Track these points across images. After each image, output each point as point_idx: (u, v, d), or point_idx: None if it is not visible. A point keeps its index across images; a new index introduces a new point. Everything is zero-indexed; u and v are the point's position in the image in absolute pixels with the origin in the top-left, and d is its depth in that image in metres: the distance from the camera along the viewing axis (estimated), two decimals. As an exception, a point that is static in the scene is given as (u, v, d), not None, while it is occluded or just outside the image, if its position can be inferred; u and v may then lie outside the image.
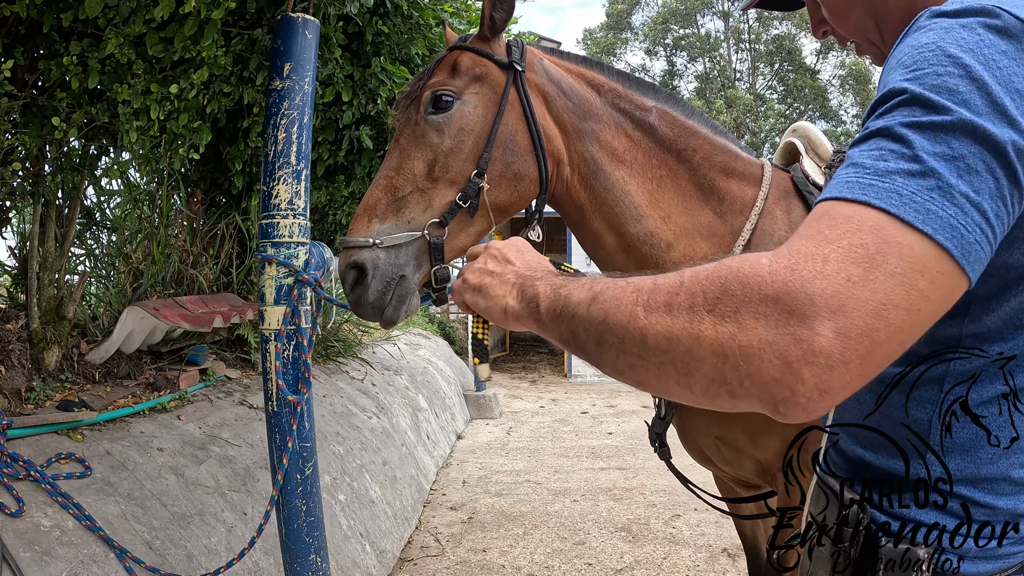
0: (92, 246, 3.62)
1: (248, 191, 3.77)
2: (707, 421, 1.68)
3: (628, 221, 1.56)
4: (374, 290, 1.38)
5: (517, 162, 1.48)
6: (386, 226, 1.40)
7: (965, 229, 0.63)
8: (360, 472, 3.68)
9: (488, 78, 1.49)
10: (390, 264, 1.38)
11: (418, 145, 1.45)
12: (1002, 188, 0.64)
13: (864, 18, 0.98)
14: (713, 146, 1.65)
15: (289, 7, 1.99)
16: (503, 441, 6.61)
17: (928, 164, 0.64)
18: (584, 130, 1.55)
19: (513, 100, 1.48)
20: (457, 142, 1.44)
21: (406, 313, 1.42)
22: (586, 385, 10.63)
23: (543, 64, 1.58)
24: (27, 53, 2.35)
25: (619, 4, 25.88)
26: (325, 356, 4.88)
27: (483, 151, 1.44)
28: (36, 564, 1.75)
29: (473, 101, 1.47)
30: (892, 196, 0.63)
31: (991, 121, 0.64)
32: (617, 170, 1.56)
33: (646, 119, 1.60)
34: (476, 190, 1.42)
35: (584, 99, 1.57)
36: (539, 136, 1.49)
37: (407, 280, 1.40)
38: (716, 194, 1.62)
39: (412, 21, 3.19)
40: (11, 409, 2.30)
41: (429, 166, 1.43)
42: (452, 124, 1.45)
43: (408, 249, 1.40)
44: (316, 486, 2.01)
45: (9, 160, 2.43)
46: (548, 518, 4.33)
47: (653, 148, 1.60)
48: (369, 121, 3.37)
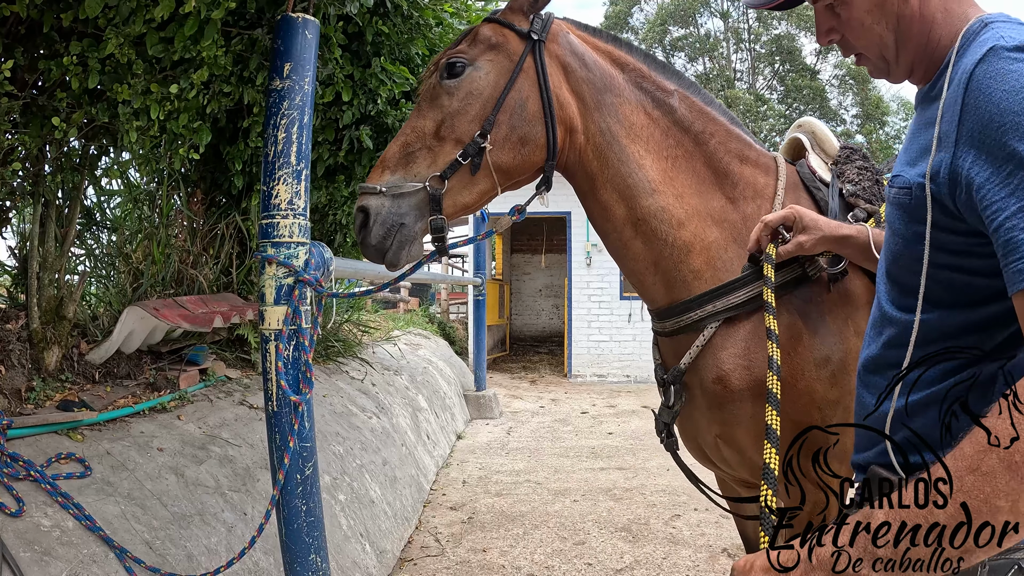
0: (92, 246, 3.61)
1: (248, 191, 3.77)
2: (708, 420, 1.68)
3: (640, 194, 1.60)
4: (376, 234, 1.50)
5: (524, 127, 1.55)
6: (395, 177, 1.52)
7: None
8: (360, 472, 3.69)
9: (504, 47, 1.58)
10: (392, 211, 1.50)
11: (432, 107, 1.56)
12: None
13: (886, 35, 1.00)
14: (729, 133, 1.69)
15: (289, 7, 1.99)
16: (503, 441, 6.61)
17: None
18: (603, 103, 1.61)
19: (528, 68, 1.56)
20: (464, 104, 1.54)
21: (407, 258, 1.54)
22: (586, 385, 10.63)
23: (568, 37, 1.64)
24: (27, 53, 2.35)
25: (618, 5, 25.88)
26: (325, 356, 4.88)
27: (489, 114, 1.53)
28: (36, 564, 1.75)
29: (486, 67, 1.57)
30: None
31: None
32: (633, 144, 1.61)
33: (667, 100, 1.66)
34: (477, 149, 1.51)
35: (607, 74, 1.64)
36: (550, 103, 1.56)
37: (407, 227, 1.51)
38: (730, 179, 1.65)
39: (412, 21, 3.19)
40: (11, 409, 2.30)
41: (438, 125, 1.54)
42: (462, 88, 1.55)
43: (411, 199, 1.51)
44: (316, 486, 2.01)
45: (9, 160, 2.43)
46: (548, 518, 4.34)
47: (671, 128, 1.65)
48: (369, 121, 3.37)
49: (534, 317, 16.43)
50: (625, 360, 10.85)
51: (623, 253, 1.68)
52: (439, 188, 1.51)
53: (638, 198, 1.60)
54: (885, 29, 1.00)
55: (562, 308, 14.54)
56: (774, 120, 22.62)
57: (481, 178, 1.54)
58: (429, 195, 1.50)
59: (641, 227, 1.61)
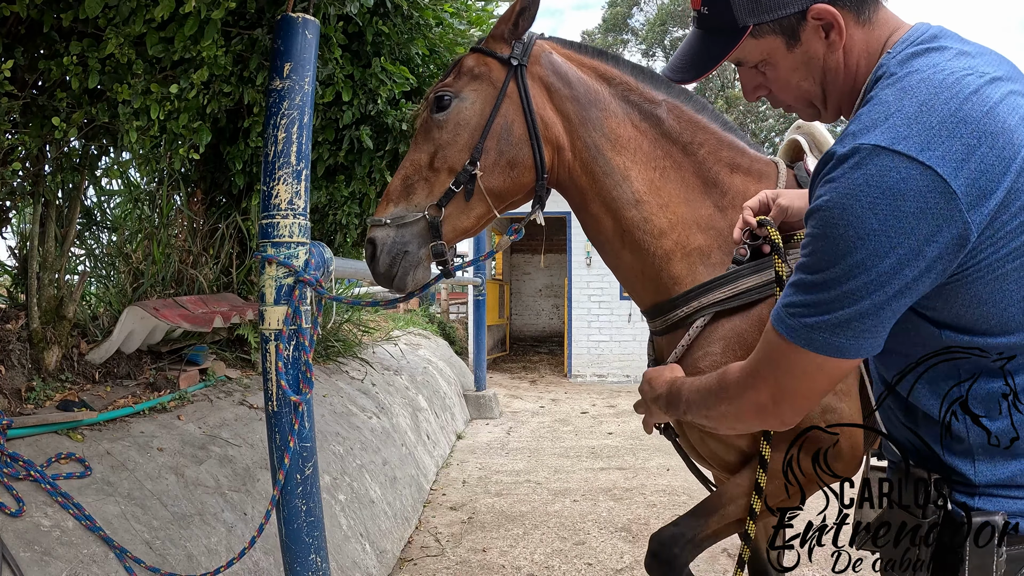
0: (92, 246, 3.61)
1: (248, 191, 3.77)
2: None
3: (625, 206, 1.63)
4: (383, 262, 1.61)
5: (511, 150, 1.60)
6: (398, 209, 1.61)
7: None
8: (360, 472, 3.69)
9: (487, 75, 1.63)
10: (396, 240, 1.60)
11: (426, 140, 1.64)
12: None
13: (814, 89, 1.05)
14: (720, 141, 1.69)
15: (289, 7, 1.99)
16: (503, 441, 6.61)
17: None
18: (588, 118, 1.64)
19: (512, 93, 1.61)
20: (454, 135, 1.61)
21: (413, 282, 1.63)
22: (586, 385, 10.63)
23: (551, 57, 1.67)
24: (27, 53, 2.35)
25: (617, 6, 25.88)
26: (325, 356, 4.88)
27: (477, 142, 1.59)
28: (36, 564, 1.75)
29: (471, 97, 1.63)
30: None
31: None
32: (618, 156, 1.63)
33: (654, 111, 1.67)
34: (469, 176, 1.58)
35: (591, 89, 1.66)
36: (534, 125, 1.60)
37: (410, 254, 1.61)
38: (719, 187, 1.66)
39: (412, 21, 3.18)
40: (11, 409, 2.30)
41: (431, 157, 1.62)
42: (450, 120, 1.62)
43: (412, 228, 1.60)
44: (316, 486, 2.01)
45: (9, 160, 2.43)
46: (548, 518, 4.33)
47: (659, 139, 1.66)
48: (369, 121, 3.37)
49: (534, 317, 16.43)
50: (625, 360, 10.85)
51: (616, 263, 1.73)
52: (437, 216, 1.59)
53: (622, 210, 1.63)
54: (812, 84, 1.04)
55: (562, 308, 14.54)
56: (774, 120, 22.61)
57: (476, 203, 1.61)
58: (428, 223, 1.59)
59: (627, 238, 1.65)
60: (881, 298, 0.84)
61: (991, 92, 0.84)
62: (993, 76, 0.87)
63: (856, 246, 0.83)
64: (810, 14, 0.97)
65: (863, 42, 0.99)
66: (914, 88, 0.86)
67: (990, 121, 0.82)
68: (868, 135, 0.84)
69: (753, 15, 1.00)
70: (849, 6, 0.98)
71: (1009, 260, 0.85)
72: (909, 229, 0.81)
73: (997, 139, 0.82)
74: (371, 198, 3.80)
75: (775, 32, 1.00)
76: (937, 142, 0.81)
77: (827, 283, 0.86)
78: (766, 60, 1.04)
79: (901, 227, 0.81)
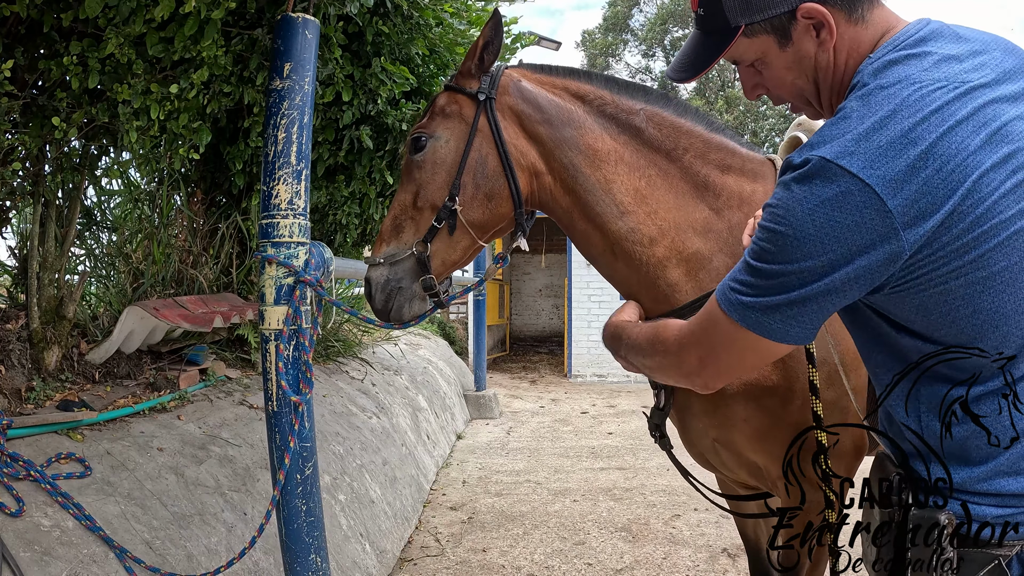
0: (92, 246, 3.61)
1: (248, 191, 3.77)
2: (705, 423, 1.68)
3: (609, 219, 1.63)
4: (379, 299, 1.68)
5: (488, 183, 1.64)
6: (391, 248, 1.68)
7: None
8: (360, 472, 3.69)
9: (458, 112, 1.68)
10: (390, 278, 1.67)
11: (409, 181, 1.71)
12: None
13: (807, 86, 1.08)
14: (707, 143, 1.67)
15: (289, 7, 1.99)
16: (503, 441, 6.61)
17: None
18: (563, 138, 1.65)
19: (483, 127, 1.65)
20: (432, 174, 1.66)
21: (409, 314, 1.71)
22: (586, 385, 10.63)
23: (519, 85, 1.69)
24: (27, 53, 2.35)
25: (617, 6, 25.87)
26: (325, 356, 4.88)
27: (455, 178, 1.64)
28: (36, 564, 1.75)
29: (444, 136, 1.68)
30: None
31: None
32: (597, 171, 1.64)
33: (632, 122, 1.67)
34: (449, 212, 1.63)
35: (563, 109, 1.67)
36: (507, 156, 1.63)
37: (404, 289, 1.68)
38: (711, 190, 1.65)
39: (412, 21, 3.18)
40: (11, 409, 2.30)
41: (414, 197, 1.68)
42: (427, 160, 1.67)
43: (403, 265, 1.67)
44: (316, 486, 2.01)
45: (9, 160, 2.43)
46: (548, 518, 4.34)
47: (640, 148, 1.66)
48: (369, 121, 3.37)
49: (534, 317, 16.43)
50: (625, 360, 10.84)
51: (612, 276, 1.73)
52: (424, 251, 1.65)
53: (608, 223, 1.63)
54: (807, 82, 1.08)
55: (562, 308, 14.54)
56: (774, 119, 22.61)
57: (460, 236, 1.67)
58: (417, 259, 1.66)
59: (617, 250, 1.64)
60: (808, 293, 0.91)
61: (956, 109, 0.86)
62: (974, 85, 0.89)
63: (792, 245, 0.90)
64: (800, 13, 1.00)
65: (853, 41, 1.01)
66: (877, 104, 0.89)
67: (943, 143, 0.85)
68: (822, 148, 0.90)
69: (744, 15, 1.03)
70: (840, 5, 0.99)
71: (953, 277, 0.88)
72: (842, 238, 0.87)
73: (947, 162, 0.85)
74: (371, 198, 3.80)
75: (767, 31, 1.03)
76: (881, 162, 0.85)
77: (766, 271, 0.94)
78: (761, 59, 1.07)
79: (835, 236, 0.87)
